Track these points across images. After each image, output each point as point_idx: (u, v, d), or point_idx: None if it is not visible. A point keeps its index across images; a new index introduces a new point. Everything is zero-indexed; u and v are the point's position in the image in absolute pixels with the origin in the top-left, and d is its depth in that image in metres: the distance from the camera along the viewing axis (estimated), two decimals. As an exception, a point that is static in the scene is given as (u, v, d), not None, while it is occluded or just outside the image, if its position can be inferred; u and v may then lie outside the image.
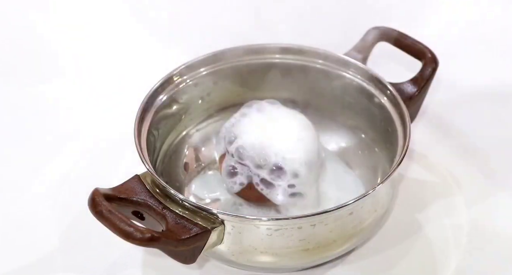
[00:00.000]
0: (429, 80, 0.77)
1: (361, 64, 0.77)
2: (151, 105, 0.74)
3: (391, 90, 0.74)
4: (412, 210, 0.77)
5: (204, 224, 0.63)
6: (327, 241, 0.67)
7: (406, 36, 0.79)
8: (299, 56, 0.79)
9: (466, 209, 0.77)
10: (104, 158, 0.83)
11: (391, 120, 0.73)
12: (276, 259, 0.67)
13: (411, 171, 0.81)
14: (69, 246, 0.74)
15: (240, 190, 0.73)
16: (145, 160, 0.68)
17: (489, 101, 0.89)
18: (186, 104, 0.79)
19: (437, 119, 0.86)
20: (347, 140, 0.81)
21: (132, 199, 0.65)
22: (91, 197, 0.63)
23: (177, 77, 0.77)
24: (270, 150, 0.70)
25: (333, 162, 0.79)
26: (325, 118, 0.82)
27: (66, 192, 0.79)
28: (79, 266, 0.72)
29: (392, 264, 0.72)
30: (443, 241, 0.74)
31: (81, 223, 0.75)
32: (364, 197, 0.65)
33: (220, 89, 0.80)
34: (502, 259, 0.73)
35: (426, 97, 0.79)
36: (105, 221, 0.61)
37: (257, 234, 0.65)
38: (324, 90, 0.80)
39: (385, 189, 0.70)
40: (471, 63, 0.94)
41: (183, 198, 0.64)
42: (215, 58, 0.79)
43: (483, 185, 0.79)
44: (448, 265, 0.72)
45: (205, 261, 0.72)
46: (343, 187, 0.76)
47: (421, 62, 0.77)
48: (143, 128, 0.72)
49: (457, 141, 0.84)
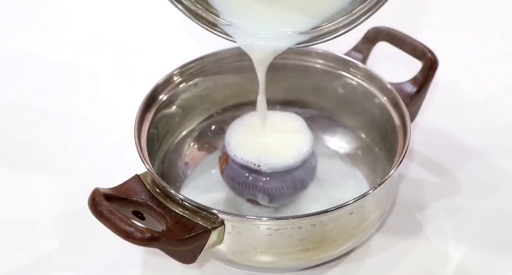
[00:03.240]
0: (429, 80, 0.77)
1: (361, 64, 0.77)
2: (151, 105, 0.74)
3: (391, 90, 0.74)
4: (412, 210, 0.77)
5: (204, 224, 0.63)
6: (327, 241, 0.67)
7: (406, 36, 0.79)
8: (299, 56, 0.79)
9: (466, 209, 0.77)
10: (104, 158, 0.83)
11: (391, 120, 0.73)
12: (276, 259, 0.67)
13: (411, 171, 0.81)
14: (69, 246, 0.74)
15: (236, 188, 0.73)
16: (145, 160, 0.68)
17: (489, 101, 0.89)
18: (186, 104, 0.79)
19: (437, 119, 0.86)
20: (347, 140, 0.81)
21: (132, 199, 0.65)
22: (91, 197, 0.63)
23: (177, 77, 0.77)
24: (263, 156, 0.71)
25: (334, 162, 0.79)
26: (325, 118, 0.82)
27: (66, 192, 0.79)
28: (79, 266, 0.72)
29: (392, 264, 0.72)
30: (443, 241, 0.74)
31: (81, 223, 0.74)
32: (364, 197, 0.65)
33: (220, 89, 0.80)
34: (502, 259, 0.73)
35: (426, 97, 0.79)
36: (105, 221, 0.61)
37: (257, 234, 0.65)
38: (324, 90, 0.80)
39: (385, 189, 0.70)
40: (471, 63, 0.94)
41: (183, 198, 0.64)
42: (215, 58, 0.79)
43: (483, 185, 0.79)
44: (448, 265, 0.72)
45: (205, 261, 0.72)
46: (344, 186, 0.76)
47: (421, 62, 0.77)
48: (143, 128, 0.72)
49: (457, 141, 0.84)
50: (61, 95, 0.92)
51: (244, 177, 0.72)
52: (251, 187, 0.72)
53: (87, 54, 0.98)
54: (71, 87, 0.93)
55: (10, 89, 0.93)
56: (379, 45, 0.80)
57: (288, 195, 0.73)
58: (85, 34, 1.01)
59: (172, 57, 0.81)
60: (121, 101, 0.89)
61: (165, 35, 1.00)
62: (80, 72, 0.95)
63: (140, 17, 1.03)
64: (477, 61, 0.95)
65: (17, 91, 0.92)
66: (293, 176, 0.72)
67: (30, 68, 0.96)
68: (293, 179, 0.72)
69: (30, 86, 0.93)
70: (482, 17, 1.01)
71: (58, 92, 0.92)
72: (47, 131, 0.87)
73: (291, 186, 0.72)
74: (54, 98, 0.91)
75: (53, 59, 0.97)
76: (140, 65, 0.95)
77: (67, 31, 1.01)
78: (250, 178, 0.72)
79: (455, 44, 0.96)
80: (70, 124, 0.88)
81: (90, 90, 0.92)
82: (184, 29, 1.00)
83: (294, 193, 0.73)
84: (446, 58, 0.81)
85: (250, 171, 0.72)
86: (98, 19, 1.03)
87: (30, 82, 0.94)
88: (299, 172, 0.72)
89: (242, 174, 0.72)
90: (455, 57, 0.92)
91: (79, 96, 0.92)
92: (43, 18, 1.03)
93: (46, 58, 0.97)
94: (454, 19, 1.01)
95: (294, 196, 0.74)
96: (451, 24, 1.00)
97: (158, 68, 0.78)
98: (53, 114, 0.89)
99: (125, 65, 0.95)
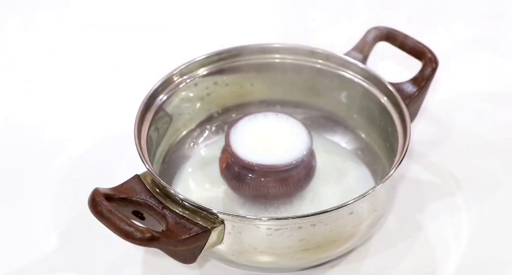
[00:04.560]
0: (429, 80, 0.77)
1: (361, 64, 0.77)
2: (151, 105, 0.74)
3: (391, 90, 0.74)
4: (412, 210, 0.77)
5: (204, 224, 0.63)
6: (327, 241, 0.67)
7: (406, 36, 0.79)
8: (299, 56, 0.79)
9: (466, 209, 0.77)
10: (104, 158, 0.83)
11: (391, 120, 0.73)
12: (276, 259, 0.67)
13: (411, 171, 0.81)
14: (69, 246, 0.74)
15: (236, 188, 0.73)
16: (145, 160, 0.68)
17: (489, 101, 0.89)
18: (186, 104, 0.79)
19: (437, 119, 0.86)
20: (347, 140, 0.81)
21: (132, 199, 0.65)
22: (91, 197, 0.63)
23: (177, 77, 0.77)
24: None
25: (335, 162, 0.79)
26: (325, 118, 0.82)
27: (66, 192, 0.79)
28: (79, 266, 0.72)
29: (392, 264, 0.72)
30: (443, 241, 0.74)
31: (81, 223, 0.75)
32: (364, 197, 0.65)
33: (220, 89, 0.80)
34: (502, 259, 0.73)
35: (426, 97, 0.79)
36: (105, 221, 0.61)
37: (257, 234, 0.65)
38: (324, 90, 0.80)
39: (385, 189, 0.70)
40: (471, 63, 0.94)
41: (183, 198, 0.64)
42: (215, 58, 0.79)
43: (483, 185, 0.79)
44: (448, 265, 0.72)
45: (205, 261, 0.72)
46: (344, 186, 0.76)
47: (421, 62, 0.77)
48: (143, 128, 0.72)
49: (457, 141, 0.84)
50: (61, 95, 0.92)
51: (244, 177, 0.72)
52: (251, 187, 0.72)
53: (87, 54, 0.97)
54: (71, 87, 0.93)
55: (10, 89, 0.93)
56: (379, 45, 0.80)
57: (288, 195, 0.73)
58: (85, 34, 1.01)
59: (172, 57, 0.81)
60: (121, 101, 0.89)
61: (165, 35, 1.00)
62: (80, 72, 0.95)
63: (140, 17, 1.03)
64: (477, 61, 0.95)
65: (17, 91, 0.92)
66: (293, 175, 0.72)
67: (30, 68, 0.96)
68: (293, 179, 0.72)
69: (30, 85, 0.93)
70: (482, 17, 1.01)
71: (58, 92, 0.92)
72: (47, 131, 0.87)
73: (291, 186, 0.72)
74: (54, 97, 0.91)
75: (53, 59, 0.97)
76: (140, 65, 0.95)
77: (67, 31, 1.01)
78: (250, 178, 0.72)
79: (455, 44, 0.96)
80: (70, 124, 0.88)
81: (90, 90, 0.92)
82: (184, 29, 1.00)
83: (294, 193, 0.73)
84: (446, 58, 0.80)
85: (250, 171, 0.72)
86: (98, 19, 1.03)
87: (30, 81, 0.94)
88: (298, 172, 0.72)
89: (242, 174, 0.72)
90: (455, 57, 0.92)
91: (79, 96, 0.92)
92: (43, 18, 1.03)
93: (46, 58, 0.97)
94: (454, 19, 1.01)
95: (293, 195, 0.74)
96: (451, 24, 1.00)
97: (158, 68, 0.78)
98: (53, 114, 0.89)
99: (125, 65, 0.95)
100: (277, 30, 0.98)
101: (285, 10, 1.03)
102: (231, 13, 1.03)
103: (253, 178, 0.72)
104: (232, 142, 0.72)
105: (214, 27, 1.01)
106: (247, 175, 0.72)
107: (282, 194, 0.72)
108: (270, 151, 0.71)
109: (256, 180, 0.72)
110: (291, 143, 0.72)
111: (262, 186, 0.72)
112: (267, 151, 0.71)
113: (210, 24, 1.01)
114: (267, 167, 0.71)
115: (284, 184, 0.72)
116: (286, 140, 0.73)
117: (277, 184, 0.72)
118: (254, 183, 0.72)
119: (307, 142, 0.72)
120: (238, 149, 0.71)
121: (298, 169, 0.72)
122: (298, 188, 0.73)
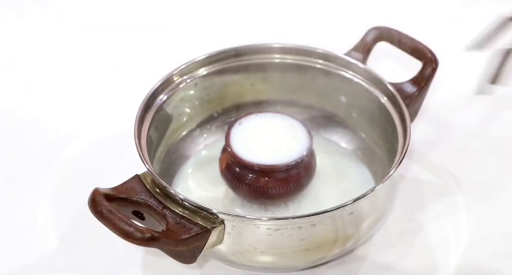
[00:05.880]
0: (429, 80, 0.77)
1: (361, 64, 0.77)
2: (151, 105, 0.74)
3: (391, 90, 0.74)
4: (412, 210, 0.77)
5: (204, 224, 0.63)
6: (327, 241, 0.67)
7: (406, 36, 0.79)
8: (299, 56, 0.79)
9: (466, 209, 0.77)
10: (104, 158, 0.83)
11: (391, 120, 0.73)
12: (276, 259, 0.67)
13: (411, 171, 0.81)
14: (69, 246, 0.74)
15: (236, 188, 0.73)
16: (145, 160, 0.68)
17: (489, 101, 0.89)
18: (186, 104, 0.79)
19: (437, 119, 0.87)
20: (347, 140, 0.81)
21: (132, 199, 0.65)
22: (91, 197, 0.63)
23: (177, 77, 0.77)
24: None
25: (335, 162, 0.79)
26: (325, 118, 0.82)
27: (66, 192, 0.79)
28: (79, 266, 0.72)
29: (392, 264, 0.72)
30: (443, 241, 0.74)
31: (81, 223, 0.75)
32: (364, 197, 0.65)
33: (220, 89, 0.80)
34: (502, 259, 0.73)
35: (426, 97, 0.79)
36: (105, 221, 0.61)
37: (257, 234, 0.65)
38: (324, 90, 0.80)
39: (385, 189, 0.70)
40: (471, 63, 0.94)
41: (183, 198, 0.64)
42: (215, 58, 0.79)
43: (483, 185, 0.79)
44: (448, 265, 0.72)
45: (205, 261, 0.72)
46: (344, 186, 0.76)
47: (421, 62, 0.77)
48: (143, 128, 0.72)
49: (457, 141, 0.84)
50: (61, 95, 0.92)
51: (244, 177, 0.72)
52: (251, 187, 0.72)
53: (87, 54, 0.98)
54: (71, 87, 0.93)
55: (10, 89, 0.93)
56: (379, 45, 0.80)
57: (288, 195, 0.73)
58: (85, 34, 1.01)
59: (172, 57, 0.81)
60: (121, 101, 0.89)
61: (165, 35, 1.00)
62: (80, 72, 0.95)
63: (140, 17, 1.03)
64: (477, 61, 0.94)
65: (17, 91, 0.92)
66: (293, 175, 0.72)
67: (30, 68, 0.96)
68: (293, 179, 0.72)
69: (30, 85, 0.93)
70: (482, 17, 1.01)
71: (58, 92, 0.92)
72: (47, 131, 0.87)
73: (291, 186, 0.72)
74: (54, 97, 0.91)
75: (53, 59, 0.97)
76: (140, 65, 0.95)
77: (67, 31, 1.01)
78: (250, 178, 0.72)
79: (455, 44, 0.96)
80: (70, 124, 0.88)
81: (90, 90, 0.92)
82: (184, 29, 1.00)
83: (294, 193, 0.73)
84: (446, 58, 0.80)
85: (250, 171, 0.72)
86: (98, 19, 1.03)
87: (31, 81, 0.94)
88: (298, 172, 0.72)
89: (242, 174, 0.72)
90: (455, 57, 0.92)
91: (79, 96, 0.92)
92: (44, 18, 1.03)
93: (46, 58, 0.97)
94: (454, 19, 1.01)
95: (293, 195, 0.74)
96: (451, 24, 1.00)
97: (158, 68, 0.78)
98: (53, 114, 0.89)
99: (125, 65, 0.95)
100: (277, 30, 0.98)
101: (285, 10, 1.03)
102: (231, 13, 1.03)
103: (253, 178, 0.72)
104: (232, 142, 0.72)
105: (214, 27, 1.01)
106: (247, 175, 0.72)
107: (282, 194, 0.73)
108: (270, 151, 0.72)
109: (256, 180, 0.72)
110: (291, 143, 0.72)
111: (262, 186, 0.72)
112: (267, 151, 0.71)
113: (210, 24, 1.01)
114: (267, 167, 0.71)
115: (284, 184, 0.72)
116: (286, 140, 0.73)
117: (277, 184, 0.72)
118: (254, 183, 0.72)
119: (307, 142, 0.72)
120: (238, 149, 0.72)
121: (298, 169, 0.72)
122: (298, 188, 0.73)
